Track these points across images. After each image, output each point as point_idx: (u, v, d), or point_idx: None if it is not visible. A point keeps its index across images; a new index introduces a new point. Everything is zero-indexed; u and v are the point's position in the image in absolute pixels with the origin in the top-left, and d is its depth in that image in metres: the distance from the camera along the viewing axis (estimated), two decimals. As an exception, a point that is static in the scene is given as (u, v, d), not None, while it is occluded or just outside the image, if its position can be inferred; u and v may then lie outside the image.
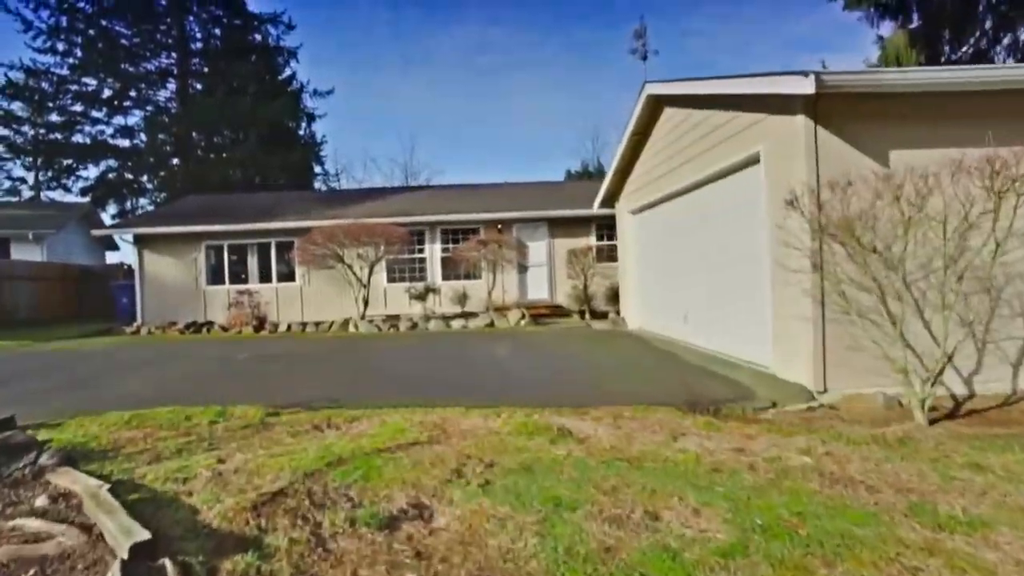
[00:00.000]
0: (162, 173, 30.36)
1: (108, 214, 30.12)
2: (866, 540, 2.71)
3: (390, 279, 15.98)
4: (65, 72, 28.46)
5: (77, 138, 29.72)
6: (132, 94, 30.53)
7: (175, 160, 30.91)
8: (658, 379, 6.54)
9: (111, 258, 26.05)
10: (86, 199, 28.91)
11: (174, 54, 30.79)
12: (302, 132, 34.33)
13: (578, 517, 3.02)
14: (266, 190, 26.96)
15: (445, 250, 16.11)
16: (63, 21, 27.98)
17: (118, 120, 30.67)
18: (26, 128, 29.79)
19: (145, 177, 30.71)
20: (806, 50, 55.70)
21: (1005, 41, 15.61)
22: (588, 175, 40.75)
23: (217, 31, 32.07)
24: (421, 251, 16.10)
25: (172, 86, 31.31)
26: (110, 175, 30.40)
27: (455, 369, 7.42)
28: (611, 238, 16.14)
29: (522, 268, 14.67)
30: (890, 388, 5.26)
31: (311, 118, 34.03)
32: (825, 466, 3.80)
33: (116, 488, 3.13)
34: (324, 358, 8.68)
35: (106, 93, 29.66)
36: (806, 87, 4.69)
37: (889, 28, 16.44)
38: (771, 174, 6.04)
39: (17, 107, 29.01)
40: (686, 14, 58.47)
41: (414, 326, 12.91)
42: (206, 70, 31.43)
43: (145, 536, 2.44)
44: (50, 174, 30.39)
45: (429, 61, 62.48)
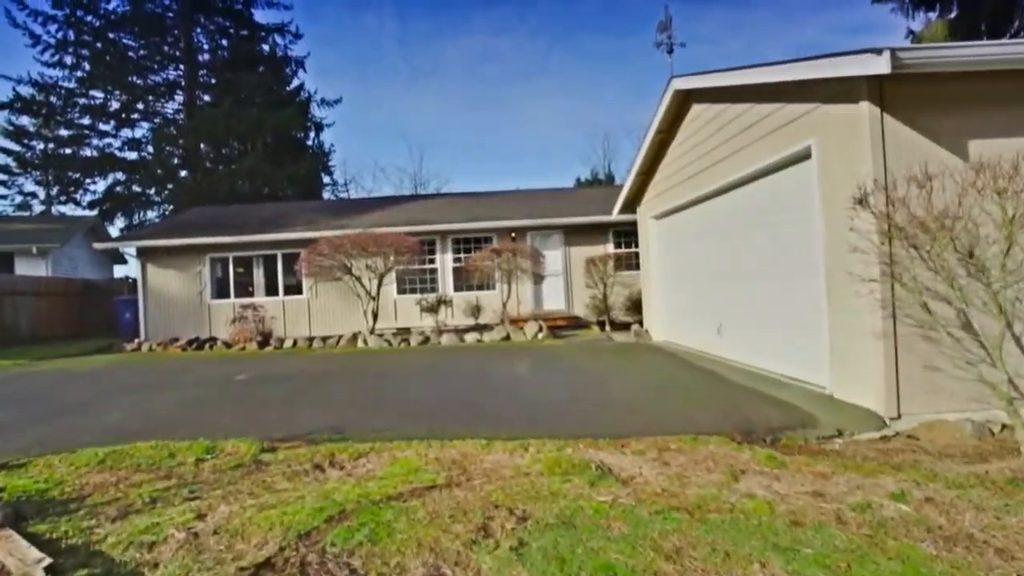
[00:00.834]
0: (170, 186, 30.06)
1: (116, 227, 29.91)
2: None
3: (400, 291, 15.41)
4: (73, 85, 28.30)
5: (85, 151, 29.50)
6: (140, 107, 30.34)
7: (183, 172, 30.64)
8: (700, 400, 5.86)
9: (119, 272, 25.77)
10: (93, 213, 28.65)
11: (181, 66, 30.59)
12: (310, 143, 34.04)
13: (644, 601, 2.37)
14: (275, 201, 26.56)
15: (457, 260, 15.52)
16: (71, 35, 27.86)
17: (125, 133, 30.50)
18: (36, 143, 29.73)
19: (153, 190, 30.42)
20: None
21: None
22: (598, 182, 40.20)
23: (224, 42, 31.89)
24: (432, 261, 15.52)
25: (179, 98, 31.09)
26: (118, 188, 30.15)
27: (472, 391, 6.76)
28: (629, 245, 15.54)
29: (537, 278, 14.02)
30: (976, 413, 4.56)
31: (319, 128, 33.72)
32: (930, 518, 3.11)
33: (64, 560, 2.52)
34: (329, 379, 8.05)
35: (114, 106, 29.46)
36: (878, 66, 4.02)
37: (920, 23, 15.75)
38: (825, 171, 5.37)
39: (27, 122, 28.98)
40: (693, 20, 58.49)
41: (426, 340, 12.30)
42: (213, 81, 31.18)
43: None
44: (57, 189, 30.21)
45: (437, 72, 62.69)
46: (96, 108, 29.09)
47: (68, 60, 27.99)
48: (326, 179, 35.42)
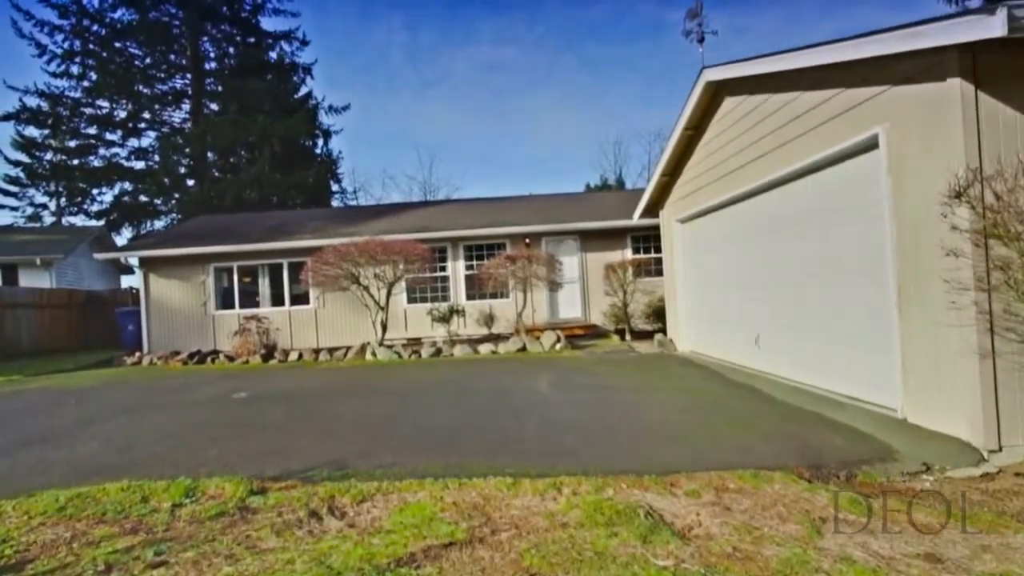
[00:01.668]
0: (176, 195, 29.74)
1: (124, 238, 29.63)
2: None
3: (410, 300, 14.79)
4: (79, 95, 28.07)
5: (92, 162, 29.26)
6: (146, 116, 30.09)
7: (190, 182, 30.33)
8: (749, 424, 5.15)
9: (127, 283, 25.34)
10: (100, 223, 28.36)
11: (188, 74, 30.33)
12: (319, 150, 33.63)
13: None
14: (283, 210, 26.11)
15: (469, 267, 14.89)
16: (77, 45, 27.67)
17: (132, 143, 30.26)
18: (45, 154, 29.51)
19: (160, 200, 30.10)
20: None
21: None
22: (608, 188, 39.51)
23: (231, 49, 31.60)
24: (443, 269, 14.90)
25: (186, 106, 30.82)
26: (125, 198, 29.86)
27: (490, 413, 6.08)
28: (649, 251, 14.86)
29: (554, 285, 13.33)
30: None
31: (327, 135, 33.31)
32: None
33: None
34: (334, 398, 7.41)
35: (120, 115, 29.24)
36: (987, 30, 3.33)
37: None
38: (898, 162, 4.68)
39: (36, 133, 28.78)
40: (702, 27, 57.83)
41: (437, 352, 11.65)
42: (220, 89, 30.88)
43: None
44: (65, 200, 29.99)
45: (445, 81, 62.58)
46: (103, 118, 28.90)
47: (75, 70, 27.84)
48: (334, 187, 35.00)
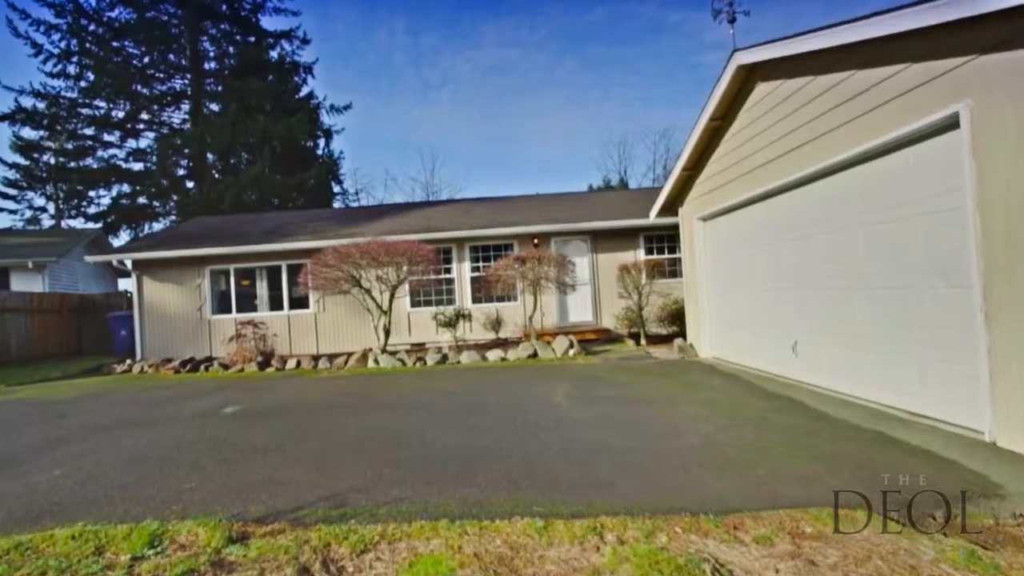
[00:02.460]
0: (175, 197, 29.18)
1: (122, 240, 29.04)
2: None
3: (414, 303, 14.16)
4: (76, 96, 27.53)
5: (89, 163, 28.70)
6: (145, 116, 29.56)
7: (189, 184, 29.78)
8: (805, 447, 4.49)
9: (124, 287, 24.75)
10: (98, 226, 27.79)
11: (187, 74, 29.79)
12: (320, 151, 33.06)
13: None
14: (282, 211, 25.51)
15: (475, 270, 14.26)
16: (74, 44, 27.13)
17: (131, 144, 29.72)
18: (44, 156, 28.96)
19: (159, 202, 29.54)
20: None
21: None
22: (611, 189, 38.87)
23: (231, 49, 31.06)
24: (448, 271, 14.26)
25: (185, 107, 30.29)
26: (123, 201, 29.31)
27: (508, 433, 5.41)
28: (663, 251, 14.27)
29: (565, 287, 12.65)
30: None
31: (328, 135, 32.74)
32: None
33: None
34: (333, 413, 6.75)
35: (119, 116, 28.69)
36: None
37: None
38: (985, 144, 4.02)
39: (34, 135, 28.26)
40: (704, 27, 58.15)
41: (443, 359, 11.00)
42: (220, 89, 30.33)
43: None
44: (60, 202, 29.42)
45: (447, 84, 62.26)
46: (100, 119, 28.37)
47: (71, 70, 27.34)
48: (336, 188, 34.40)
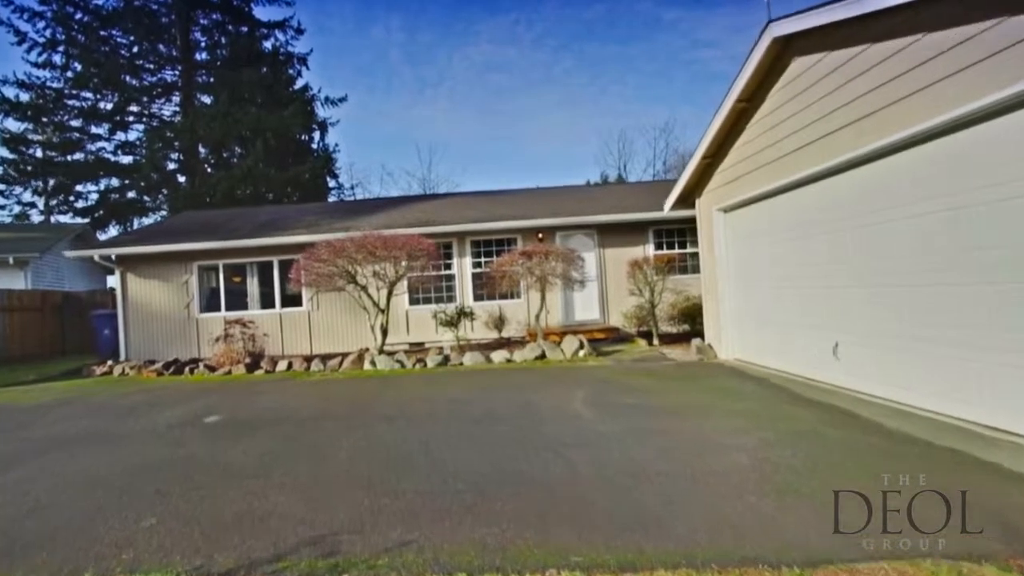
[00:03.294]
0: (165, 191, 28.33)
1: (111, 236, 28.21)
2: None
3: (412, 301, 13.45)
4: (62, 86, 26.63)
5: (77, 156, 27.79)
6: (134, 108, 28.66)
7: (181, 178, 28.94)
8: (876, 468, 3.82)
9: (112, 284, 23.94)
10: (86, 221, 26.96)
11: (178, 65, 28.92)
12: (315, 145, 32.24)
13: None
14: (276, 206, 24.74)
15: (476, 265, 13.57)
16: (59, 33, 26.23)
17: (120, 136, 28.85)
18: (30, 149, 28.02)
19: (149, 196, 28.68)
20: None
21: None
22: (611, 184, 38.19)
23: (223, 39, 30.18)
24: (448, 267, 13.55)
25: (176, 99, 29.42)
26: (113, 195, 28.44)
27: (526, 450, 4.67)
28: (672, 246, 13.62)
29: (575, 284, 11.92)
30: None
31: (323, 127, 31.89)
32: None
33: None
34: (324, 426, 6.01)
35: (107, 108, 27.76)
36: None
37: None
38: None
39: (21, 127, 27.33)
40: (696, 24, 57.64)
41: (445, 360, 10.31)
42: (211, 81, 29.46)
43: None
44: (47, 196, 28.51)
45: (444, 81, 61.68)
46: (88, 110, 27.43)
47: (57, 60, 26.43)
48: (331, 183, 33.51)
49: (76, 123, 27.51)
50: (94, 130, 28.13)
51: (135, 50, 28.08)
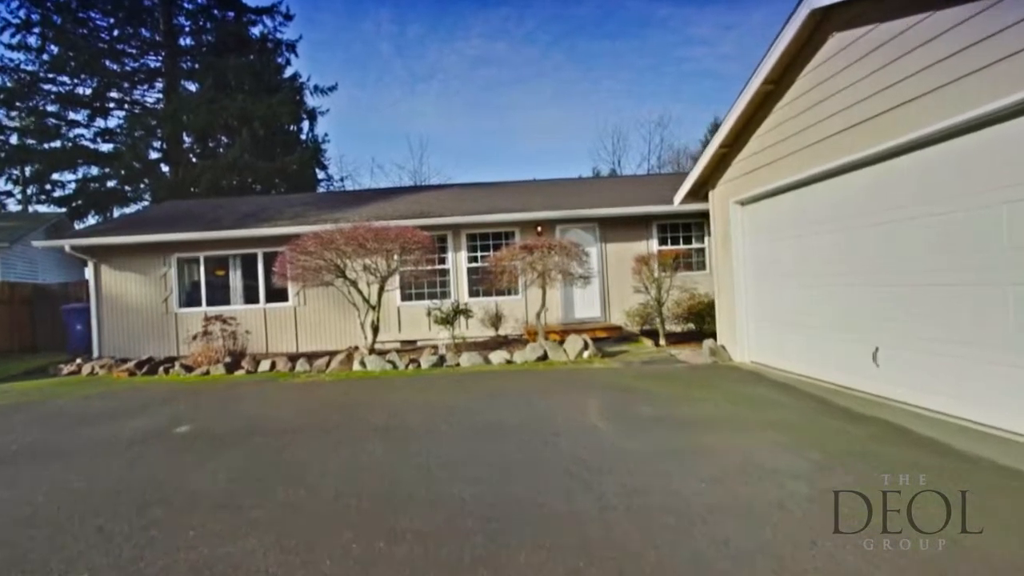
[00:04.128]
0: (147, 181, 27.29)
1: (88, 225, 27.12)
2: None
3: (404, 297, 12.76)
4: (37, 69, 25.49)
5: (55, 143, 26.64)
6: (114, 95, 27.57)
7: (164, 167, 27.92)
8: (989, 506, 3.21)
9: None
10: (63, 211, 25.88)
11: (161, 51, 27.84)
12: (304, 135, 31.28)
13: None
14: (261, 196, 23.83)
15: (472, 260, 12.89)
16: (35, 14, 25.07)
17: (99, 123, 27.74)
18: (6, 136, 26.83)
19: (129, 186, 27.61)
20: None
21: None
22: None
23: (208, 25, 29.11)
24: (443, 262, 12.85)
25: (159, 85, 28.35)
26: (92, 184, 27.34)
27: (544, 476, 3.93)
28: (677, 241, 13.06)
29: (570, 280, 11.25)
30: None
31: (312, 116, 30.93)
32: None
33: None
34: (307, 439, 5.30)
35: (86, 93, 26.66)
36: None
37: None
38: None
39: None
40: (687, 23, 57.12)
41: (440, 360, 9.62)
42: (196, 67, 28.42)
43: None
44: (23, 185, 27.35)
45: (435, 75, 60.83)
46: (65, 95, 26.32)
47: (32, 41, 25.25)
48: (320, 174, 32.56)
49: (53, 108, 26.38)
50: (72, 116, 27.03)
51: (116, 34, 26.96)
